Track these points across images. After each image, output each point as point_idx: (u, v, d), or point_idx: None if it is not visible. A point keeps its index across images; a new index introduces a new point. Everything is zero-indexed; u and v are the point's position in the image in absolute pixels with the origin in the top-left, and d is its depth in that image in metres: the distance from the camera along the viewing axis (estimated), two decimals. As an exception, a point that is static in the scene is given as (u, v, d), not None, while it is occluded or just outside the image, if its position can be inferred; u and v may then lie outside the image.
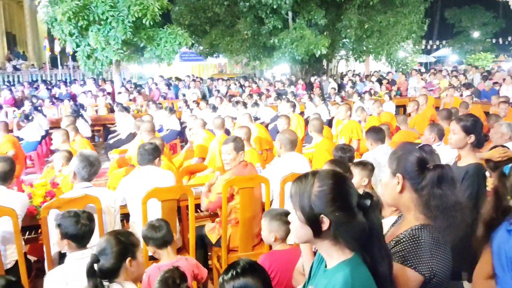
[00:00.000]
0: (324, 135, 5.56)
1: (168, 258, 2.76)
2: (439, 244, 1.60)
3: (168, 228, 2.76)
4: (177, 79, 17.77)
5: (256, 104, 10.61)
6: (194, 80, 16.00)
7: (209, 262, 3.92)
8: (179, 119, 10.10)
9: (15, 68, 22.22)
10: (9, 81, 20.03)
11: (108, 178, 6.16)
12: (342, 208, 1.40)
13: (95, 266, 2.01)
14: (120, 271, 2.11)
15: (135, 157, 4.15)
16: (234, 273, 1.77)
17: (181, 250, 3.63)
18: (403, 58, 16.64)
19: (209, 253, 3.97)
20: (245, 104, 9.88)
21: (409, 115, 8.12)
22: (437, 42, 30.24)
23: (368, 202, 1.42)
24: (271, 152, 6.35)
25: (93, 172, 3.40)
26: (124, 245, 2.17)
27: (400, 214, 1.83)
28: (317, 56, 14.55)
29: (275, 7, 14.34)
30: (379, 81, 15.21)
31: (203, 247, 3.84)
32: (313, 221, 1.41)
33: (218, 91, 13.99)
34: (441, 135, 4.60)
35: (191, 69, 26.31)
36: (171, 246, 2.78)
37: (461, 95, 11.11)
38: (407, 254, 1.57)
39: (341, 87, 15.19)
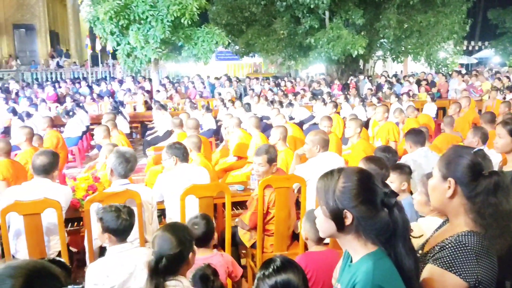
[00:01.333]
0: (361, 136, 5.48)
1: (203, 253, 2.79)
2: (486, 252, 1.55)
3: (210, 224, 2.79)
4: (215, 78, 17.95)
5: (290, 104, 10.58)
6: (229, 79, 16.13)
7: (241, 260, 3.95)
8: (215, 117, 10.21)
9: (58, 65, 23.06)
10: (52, 78, 20.79)
11: (145, 175, 6.31)
12: (365, 203, 1.44)
13: (160, 265, 1.99)
14: (181, 268, 2.12)
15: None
16: (275, 268, 1.77)
17: (215, 247, 3.67)
18: (444, 59, 16.20)
19: (243, 251, 4.00)
20: (281, 104, 9.87)
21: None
22: (479, 43, 29.24)
23: (392, 200, 1.45)
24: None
25: (129, 169, 3.42)
26: (188, 241, 2.16)
27: (446, 219, 1.78)
28: (353, 56, 14.39)
29: (312, 6, 14.26)
30: (418, 83, 14.86)
31: (235, 245, 3.87)
32: (336, 216, 1.46)
33: (253, 90, 14.04)
34: (485, 139, 4.45)
35: (226, 68, 26.51)
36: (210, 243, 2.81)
37: (504, 98, 10.71)
38: (452, 260, 1.54)
39: (378, 88, 14.94)
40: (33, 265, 1.10)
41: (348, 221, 1.45)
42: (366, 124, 9.17)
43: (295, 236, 3.65)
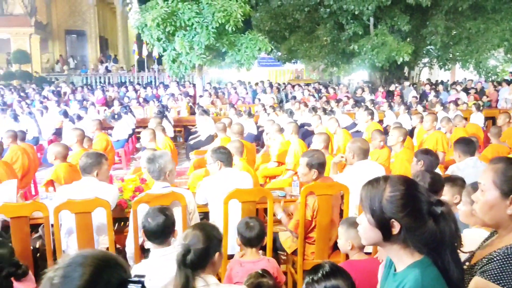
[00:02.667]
0: (404, 145, 5.38)
1: (251, 256, 2.82)
2: None
3: (261, 229, 2.82)
4: (256, 84, 18.07)
5: (332, 111, 10.50)
6: (271, 85, 16.20)
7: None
8: (256, 123, 10.29)
9: (107, 70, 23.95)
10: (100, 82, 21.61)
11: (188, 178, 6.44)
12: (413, 213, 1.43)
13: (187, 257, 2.05)
14: (207, 265, 2.17)
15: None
16: (324, 273, 1.78)
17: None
18: (494, 67, 15.58)
19: (283, 258, 4.01)
20: (324, 110, 9.81)
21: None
22: (533, 51, 27.84)
23: (439, 209, 1.44)
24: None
25: (158, 169, 3.39)
26: (216, 240, 2.21)
27: (493, 231, 1.73)
28: (398, 63, 14.12)
29: (356, 13, 14.13)
30: (466, 91, 14.37)
31: (275, 250, 3.88)
32: (383, 225, 1.46)
33: (294, 97, 14.03)
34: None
35: (268, 75, 26.63)
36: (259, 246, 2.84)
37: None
38: (500, 272, 1.50)
39: (423, 95, 14.56)
40: (103, 255, 1.17)
41: (395, 230, 1.45)
42: (410, 133, 8.98)
43: (337, 245, 3.62)
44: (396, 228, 1.44)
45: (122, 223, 4.07)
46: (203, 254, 2.12)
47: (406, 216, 1.43)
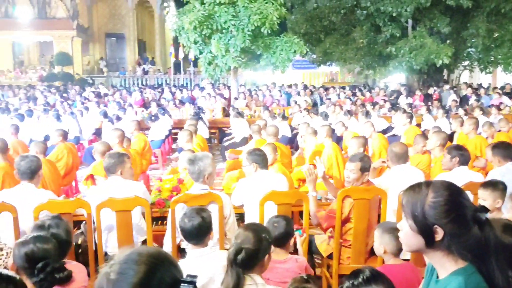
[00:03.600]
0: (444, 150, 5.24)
1: (278, 256, 2.82)
2: None
3: (286, 228, 2.82)
4: (290, 86, 18.08)
5: (367, 114, 10.35)
6: (305, 88, 16.15)
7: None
8: (290, 125, 10.27)
9: (144, 72, 24.51)
10: (138, 84, 22.14)
11: (223, 179, 6.51)
12: (457, 219, 1.40)
13: (238, 257, 2.10)
14: (256, 266, 2.19)
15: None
16: (364, 278, 1.76)
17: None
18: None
19: (317, 261, 3.99)
20: (367, 114, 9.67)
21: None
22: None
23: (483, 216, 1.41)
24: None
25: (197, 170, 3.40)
26: (267, 242, 2.24)
27: None
28: (437, 65, 13.79)
29: (394, 14, 13.90)
30: (508, 95, 13.85)
31: (310, 253, 3.87)
32: (426, 231, 1.43)
33: (330, 99, 13.93)
34: None
35: (302, 77, 26.56)
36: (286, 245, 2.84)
37: None
38: None
39: (463, 99, 14.14)
40: (157, 253, 1.20)
41: (439, 237, 1.42)
42: (450, 137, 8.74)
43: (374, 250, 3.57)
44: (439, 234, 1.42)
45: (160, 222, 4.16)
46: (253, 255, 2.16)
47: (449, 222, 1.41)
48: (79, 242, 3.47)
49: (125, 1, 26.99)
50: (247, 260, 2.15)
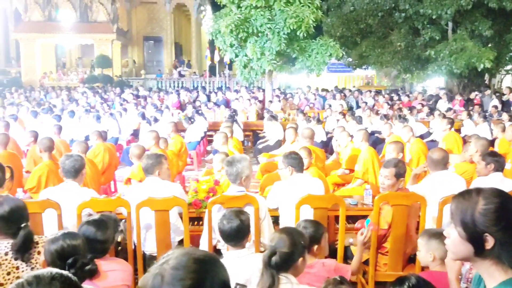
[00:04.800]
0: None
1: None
2: None
3: (319, 231, 2.80)
4: (325, 90, 17.96)
5: (405, 118, 10.15)
6: (341, 92, 16.00)
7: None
8: (325, 129, 10.20)
9: (180, 75, 24.93)
10: (174, 86, 22.53)
11: (257, 181, 6.54)
12: (508, 227, 1.37)
13: (272, 259, 2.13)
14: (290, 268, 2.22)
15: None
16: (410, 285, 1.74)
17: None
18: None
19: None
20: (400, 118, 9.51)
21: None
22: None
23: None
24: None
25: (236, 172, 3.43)
26: (301, 246, 2.26)
27: None
28: (479, 70, 13.37)
29: (434, 17, 13.60)
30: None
31: (346, 259, 3.83)
32: (475, 239, 1.40)
33: (366, 103, 13.74)
34: None
35: (337, 80, 26.32)
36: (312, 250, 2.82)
37: None
38: None
39: (505, 104, 13.65)
40: (208, 256, 1.22)
41: (489, 245, 1.39)
42: (492, 144, 8.45)
43: (411, 258, 3.50)
44: (489, 242, 1.39)
45: (196, 222, 4.22)
46: (288, 258, 2.19)
47: (500, 230, 1.37)
48: (119, 240, 3.56)
49: (163, 5, 27.55)
50: (281, 263, 2.18)
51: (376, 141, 9.04)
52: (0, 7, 25.06)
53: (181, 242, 3.72)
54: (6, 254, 2.39)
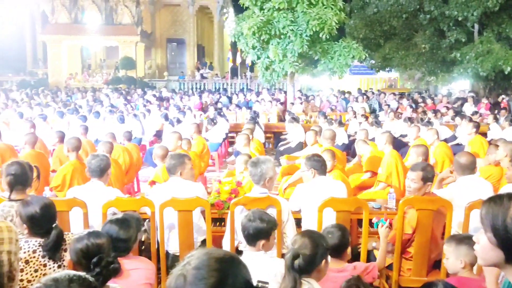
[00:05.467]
0: (514, 162, 4.94)
1: (335, 264, 2.80)
2: None
3: (345, 237, 2.79)
4: (348, 92, 17.82)
5: (429, 122, 9.99)
6: (363, 94, 15.86)
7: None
8: (347, 132, 10.13)
9: (202, 77, 25.11)
10: (197, 88, 22.71)
11: (277, 183, 6.52)
12: None
13: (295, 262, 2.13)
14: (313, 271, 2.22)
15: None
16: None
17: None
18: None
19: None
20: (422, 121, 9.37)
21: None
22: None
23: None
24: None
25: (259, 173, 3.42)
26: (323, 248, 2.27)
27: None
28: (506, 72, 13.07)
29: (460, 19, 13.36)
30: None
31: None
32: (506, 245, 1.38)
33: (389, 106, 13.58)
34: None
35: (359, 83, 26.09)
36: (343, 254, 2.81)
37: None
38: None
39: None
40: (230, 257, 1.23)
41: None
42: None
43: (436, 264, 3.44)
44: None
45: (218, 223, 4.24)
46: (310, 260, 2.19)
47: None
48: (143, 239, 3.61)
49: (187, 7, 27.83)
50: (304, 266, 2.18)
51: (398, 145, 8.92)
52: (27, 10, 25.68)
53: (203, 242, 3.74)
54: (34, 252, 2.45)
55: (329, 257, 2.34)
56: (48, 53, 24.90)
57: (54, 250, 2.44)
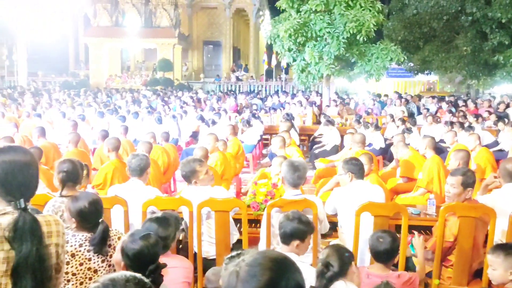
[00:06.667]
0: None
1: (380, 270, 2.77)
2: None
3: (395, 243, 2.75)
4: (385, 95, 17.52)
5: (470, 126, 9.68)
6: (401, 97, 15.55)
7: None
8: (383, 135, 9.95)
9: (237, 79, 25.30)
10: (232, 90, 22.91)
11: (312, 185, 6.50)
12: None
13: (325, 270, 2.17)
14: (347, 273, 2.27)
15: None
16: None
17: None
18: None
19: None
20: (461, 125, 9.10)
21: None
22: None
23: None
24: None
25: (299, 177, 3.47)
26: (349, 253, 2.35)
27: None
28: (554, 76, 12.53)
29: (503, 21, 12.89)
30: None
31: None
32: None
33: (428, 109, 13.25)
34: None
35: (396, 86, 25.59)
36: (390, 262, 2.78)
37: None
38: None
39: None
40: (283, 258, 1.25)
41: None
42: None
43: (477, 273, 3.34)
44: None
45: (253, 224, 4.27)
46: (339, 266, 2.28)
47: None
48: (180, 238, 3.68)
49: (223, 10, 28.13)
50: (334, 271, 2.26)
51: (438, 150, 8.68)
52: (70, 13, 26.66)
53: (237, 243, 3.77)
54: (80, 245, 2.54)
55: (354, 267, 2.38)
56: (90, 55, 25.74)
57: (100, 244, 2.52)
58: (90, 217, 2.57)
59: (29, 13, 19.65)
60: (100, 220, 2.56)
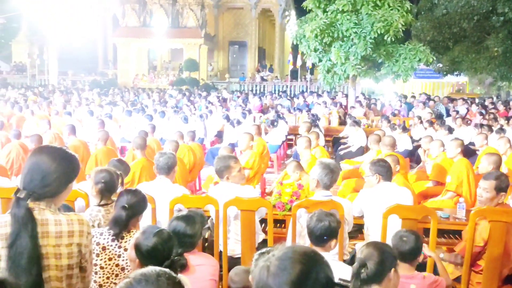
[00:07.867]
0: None
1: (405, 270, 2.73)
2: None
3: (415, 244, 2.72)
4: (412, 96, 17.23)
5: (501, 129, 9.42)
6: (429, 99, 15.27)
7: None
8: (411, 137, 9.79)
9: (262, 79, 25.33)
10: (256, 90, 22.94)
11: (339, 187, 6.45)
12: None
13: (362, 270, 2.13)
14: (382, 281, 2.20)
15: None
16: None
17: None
18: None
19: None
20: (501, 129, 8.87)
21: None
22: None
23: None
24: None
25: (334, 179, 3.55)
26: (391, 257, 2.25)
27: None
28: None
29: (537, 21, 12.51)
30: None
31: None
32: None
33: (457, 111, 12.97)
34: None
35: (423, 87, 25.10)
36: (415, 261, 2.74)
37: None
38: None
39: None
40: (313, 253, 1.26)
41: None
42: None
43: (508, 279, 3.26)
44: None
45: (278, 224, 4.27)
46: (377, 269, 2.18)
47: None
48: (206, 236, 3.71)
49: (249, 10, 28.22)
50: (371, 275, 2.15)
51: (467, 153, 8.49)
52: (100, 14, 27.21)
53: (261, 243, 3.77)
54: (113, 240, 2.60)
55: (398, 267, 2.30)
56: (118, 55, 26.23)
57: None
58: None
59: (59, 14, 20.18)
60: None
